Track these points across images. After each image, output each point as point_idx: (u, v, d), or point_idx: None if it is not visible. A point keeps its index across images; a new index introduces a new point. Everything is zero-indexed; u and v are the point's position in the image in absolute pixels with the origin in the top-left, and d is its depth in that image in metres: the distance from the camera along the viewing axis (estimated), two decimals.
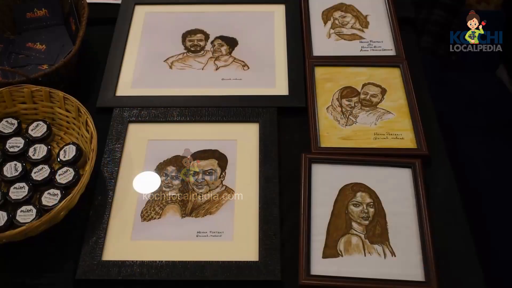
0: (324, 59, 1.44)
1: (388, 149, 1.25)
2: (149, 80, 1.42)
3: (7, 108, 1.29)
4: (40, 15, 1.53)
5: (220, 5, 1.60)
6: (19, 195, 1.16)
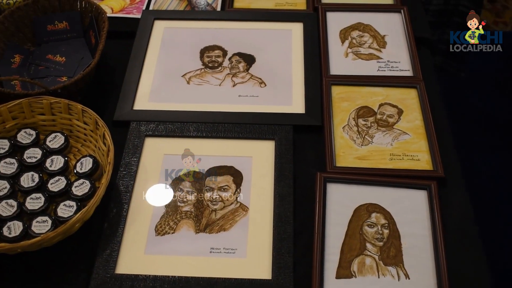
0: (341, 78, 1.44)
1: (403, 170, 1.25)
2: (166, 94, 1.42)
3: (26, 119, 1.30)
4: (61, 28, 1.55)
5: (238, 22, 1.61)
6: (35, 205, 1.16)
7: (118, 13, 1.68)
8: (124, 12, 1.68)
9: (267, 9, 1.67)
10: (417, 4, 1.71)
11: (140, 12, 1.66)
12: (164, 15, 1.64)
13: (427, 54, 1.57)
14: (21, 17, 1.53)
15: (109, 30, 1.44)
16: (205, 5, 1.70)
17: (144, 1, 1.71)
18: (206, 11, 1.68)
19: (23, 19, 1.54)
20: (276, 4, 1.69)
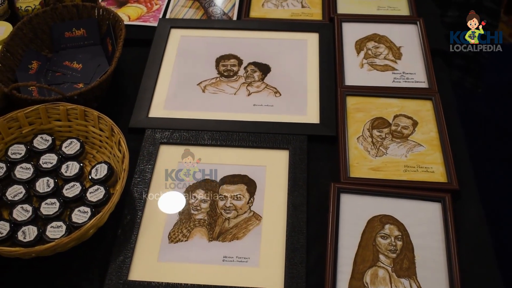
0: (356, 89, 1.45)
1: (418, 182, 1.24)
2: (181, 102, 1.43)
3: (42, 125, 1.32)
4: (78, 35, 1.56)
5: (254, 32, 1.62)
6: (50, 210, 1.17)
7: (135, 21, 1.69)
8: (141, 20, 1.70)
9: (283, 19, 1.68)
10: (433, 16, 1.71)
11: (157, 20, 1.67)
12: (180, 23, 1.65)
13: (442, 66, 1.57)
14: (39, 23, 1.55)
15: (126, 37, 1.45)
16: (221, 14, 1.71)
17: (160, 10, 1.73)
18: (222, 20, 1.69)
19: (41, 25, 1.55)
20: (292, 14, 1.70)
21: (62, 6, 1.57)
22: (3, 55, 1.43)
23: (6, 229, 1.13)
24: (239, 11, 1.72)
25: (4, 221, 1.15)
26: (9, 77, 1.43)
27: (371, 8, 1.71)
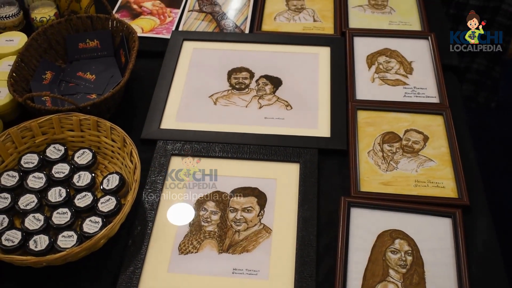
0: (367, 103, 1.45)
1: (428, 197, 1.24)
2: (193, 114, 1.44)
3: (55, 135, 1.33)
4: (92, 46, 1.58)
5: (266, 45, 1.63)
6: (61, 220, 1.18)
7: (148, 33, 1.71)
8: (154, 32, 1.71)
9: (295, 32, 1.69)
10: (445, 31, 1.71)
11: (170, 32, 1.69)
12: (193, 36, 1.66)
13: (454, 81, 1.57)
14: (53, 34, 1.57)
15: (139, 49, 1.47)
16: (233, 27, 1.72)
17: (173, 22, 1.74)
18: (235, 33, 1.70)
19: (55, 36, 1.57)
20: (304, 28, 1.71)
21: (77, 17, 1.59)
22: (17, 65, 1.44)
23: (18, 238, 1.14)
24: (251, 24, 1.73)
25: (16, 229, 1.16)
26: (23, 87, 1.44)
27: (383, 23, 1.72)
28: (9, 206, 1.21)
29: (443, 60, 1.58)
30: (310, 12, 1.76)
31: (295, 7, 1.78)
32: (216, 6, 1.80)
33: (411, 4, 1.78)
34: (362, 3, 1.79)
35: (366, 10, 1.76)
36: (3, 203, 1.21)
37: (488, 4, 2.35)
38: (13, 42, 1.58)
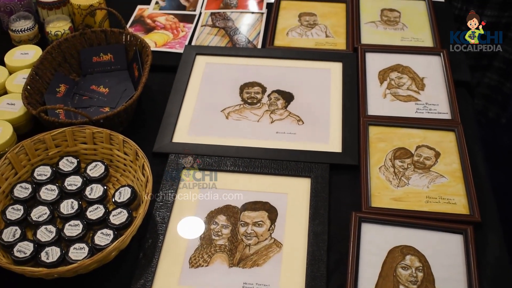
0: (378, 118, 1.45)
1: (439, 213, 1.24)
2: (205, 128, 1.45)
3: (68, 147, 1.34)
4: (106, 60, 1.59)
5: (278, 60, 1.64)
6: (73, 232, 1.19)
7: (161, 47, 1.72)
8: (167, 46, 1.72)
9: (307, 48, 1.70)
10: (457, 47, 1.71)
11: (183, 47, 1.70)
12: (206, 50, 1.68)
13: (466, 98, 1.57)
14: (68, 48, 1.58)
15: (152, 63, 1.48)
16: (246, 42, 1.73)
17: (187, 37, 1.76)
18: (247, 48, 1.71)
19: (70, 50, 1.59)
20: (316, 44, 1.71)
21: (91, 31, 1.60)
22: (32, 78, 1.46)
23: (29, 249, 1.15)
24: (263, 39, 1.74)
25: (28, 241, 1.17)
26: (37, 99, 1.46)
27: (395, 39, 1.72)
28: (21, 217, 1.21)
29: (455, 76, 1.58)
30: (322, 28, 1.77)
31: (307, 23, 1.79)
32: (229, 21, 1.82)
33: (424, 20, 1.78)
34: (374, 19, 1.79)
35: (378, 26, 1.77)
36: (16, 214, 1.22)
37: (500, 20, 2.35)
38: (28, 55, 1.60)
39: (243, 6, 1.89)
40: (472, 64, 2.50)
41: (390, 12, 1.82)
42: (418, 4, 1.85)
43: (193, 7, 1.90)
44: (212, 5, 1.89)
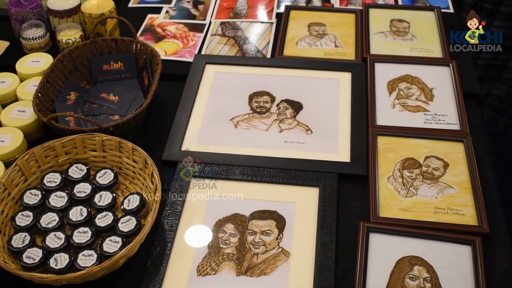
0: (387, 129, 1.45)
1: (448, 224, 1.24)
2: (214, 137, 1.45)
3: (78, 155, 1.35)
4: (116, 68, 1.60)
5: (287, 69, 1.64)
6: (82, 239, 1.19)
7: (171, 56, 1.73)
8: (177, 55, 1.74)
9: (316, 58, 1.70)
10: (466, 58, 1.72)
11: (193, 56, 1.71)
12: (215, 59, 1.69)
13: (475, 108, 1.57)
14: (79, 56, 1.60)
15: (162, 72, 1.49)
16: (255, 51, 1.74)
17: (196, 46, 1.77)
18: (256, 57, 1.72)
19: (80, 58, 1.60)
20: (325, 54, 1.72)
21: (102, 40, 1.62)
22: (43, 85, 1.47)
23: (38, 256, 1.15)
24: (273, 49, 1.75)
25: (37, 247, 1.17)
26: (47, 107, 1.47)
27: (404, 49, 1.72)
28: (31, 224, 1.22)
29: (464, 87, 1.58)
30: (331, 38, 1.78)
31: (316, 33, 1.80)
32: (238, 31, 1.82)
33: (433, 31, 1.78)
34: (383, 29, 1.80)
35: (387, 36, 1.77)
36: (26, 221, 1.22)
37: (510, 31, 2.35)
38: (39, 63, 1.62)
39: (253, 15, 1.90)
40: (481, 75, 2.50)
41: (399, 23, 1.82)
42: (428, 15, 1.85)
43: (203, 16, 1.91)
44: (222, 14, 1.91)
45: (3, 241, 1.19)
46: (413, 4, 1.93)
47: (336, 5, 1.95)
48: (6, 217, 1.24)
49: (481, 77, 2.51)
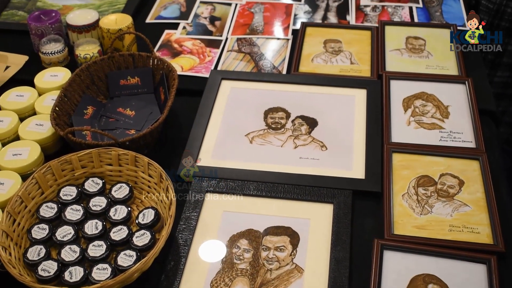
0: (402, 146, 1.45)
1: (463, 242, 1.23)
2: (229, 152, 1.46)
3: (94, 168, 1.36)
4: (133, 83, 1.62)
5: (303, 86, 1.65)
6: (96, 252, 1.20)
7: (187, 71, 1.75)
8: (193, 70, 1.75)
9: (331, 74, 1.71)
10: (482, 75, 1.71)
11: (209, 71, 1.72)
12: (231, 75, 1.70)
13: (490, 126, 1.56)
14: (96, 71, 1.61)
15: (178, 87, 1.50)
16: (271, 67, 1.75)
17: (213, 61, 1.78)
18: (272, 73, 1.73)
19: (98, 73, 1.62)
20: (341, 70, 1.72)
21: (119, 55, 1.63)
22: (60, 99, 1.49)
23: (53, 269, 1.16)
24: (288, 65, 1.76)
25: (52, 260, 1.18)
26: (65, 120, 1.48)
27: (420, 67, 1.73)
28: (46, 236, 1.23)
29: (480, 105, 1.58)
30: (347, 55, 1.78)
31: (332, 49, 1.80)
32: (254, 47, 1.84)
33: (449, 48, 1.78)
34: (399, 47, 1.80)
35: (403, 54, 1.78)
36: (41, 233, 1.23)
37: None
38: (57, 77, 1.64)
39: (269, 32, 1.91)
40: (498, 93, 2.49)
41: (415, 40, 1.82)
42: (443, 32, 1.85)
43: (219, 32, 1.92)
44: (238, 30, 1.92)
45: (19, 254, 1.20)
46: (429, 21, 1.93)
47: (352, 22, 1.96)
48: (22, 229, 1.25)
49: (497, 95, 2.49)
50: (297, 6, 2.04)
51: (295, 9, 2.03)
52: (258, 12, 2.02)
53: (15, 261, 1.16)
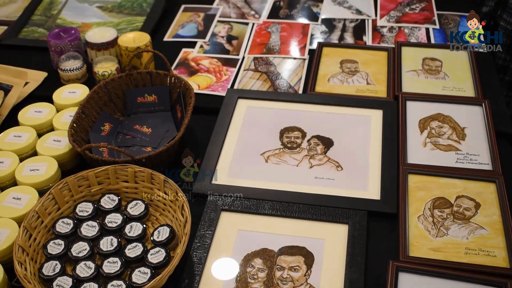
0: (418, 167, 1.45)
1: (479, 265, 1.22)
2: (244, 171, 1.46)
3: (110, 185, 1.37)
4: (150, 101, 1.63)
5: (319, 106, 1.65)
6: (111, 269, 1.20)
7: (204, 89, 1.76)
8: (210, 89, 1.76)
9: (348, 94, 1.71)
10: (499, 97, 1.71)
11: (225, 90, 1.73)
12: (247, 94, 1.70)
13: (507, 149, 1.55)
14: (114, 88, 1.63)
15: (195, 105, 1.51)
16: (287, 87, 1.75)
17: (229, 80, 1.79)
18: (288, 93, 1.73)
19: (116, 90, 1.63)
20: (357, 91, 1.73)
21: (137, 73, 1.65)
22: (78, 116, 1.50)
23: (68, 285, 1.17)
24: (305, 85, 1.76)
25: (67, 276, 1.19)
26: (82, 137, 1.50)
27: (436, 88, 1.72)
28: (62, 252, 1.24)
29: (497, 127, 1.57)
30: (363, 75, 1.79)
31: (349, 70, 1.81)
32: (271, 66, 1.85)
33: (465, 70, 1.78)
34: (416, 68, 1.80)
35: (420, 75, 1.78)
36: (57, 249, 1.24)
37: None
38: (75, 94, 1.66)
39: (285, 51, 1.92)
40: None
41: (431, 61, 1.83)
42: (460, 54, 1.85)
43: (236, 51, 1.94)
44: (255, 50, 1.93)
45: (34, 269, 1.21)
46: (445, 42, 1.93)
47: (368, 42, 1.96)
48: (38, 244, 1.26)
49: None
50: (313, 26, 2.05)
51: (312, 29, 2.04)
52: (275, 31, 2.03)
53: (31, 276, 1.17)
